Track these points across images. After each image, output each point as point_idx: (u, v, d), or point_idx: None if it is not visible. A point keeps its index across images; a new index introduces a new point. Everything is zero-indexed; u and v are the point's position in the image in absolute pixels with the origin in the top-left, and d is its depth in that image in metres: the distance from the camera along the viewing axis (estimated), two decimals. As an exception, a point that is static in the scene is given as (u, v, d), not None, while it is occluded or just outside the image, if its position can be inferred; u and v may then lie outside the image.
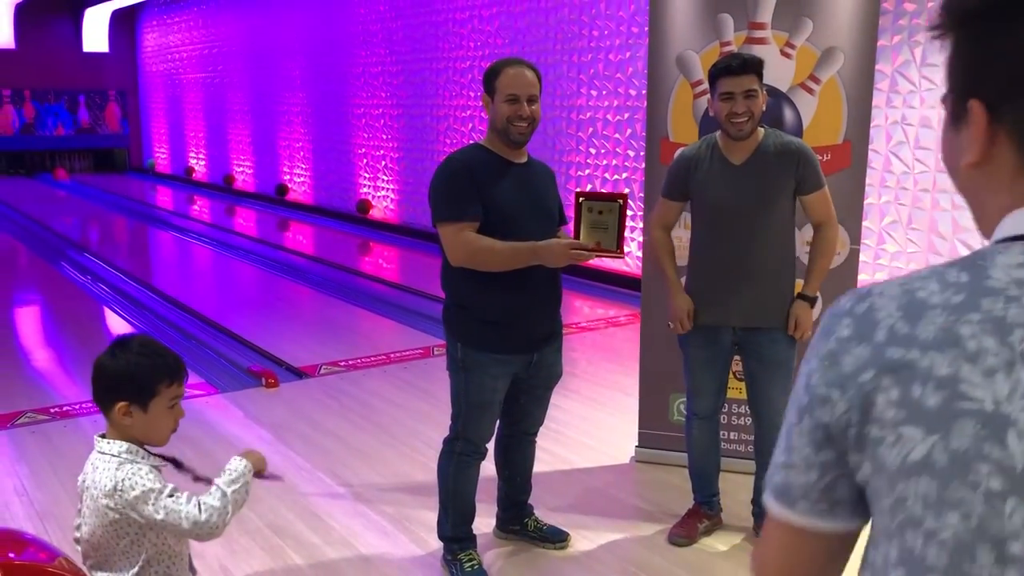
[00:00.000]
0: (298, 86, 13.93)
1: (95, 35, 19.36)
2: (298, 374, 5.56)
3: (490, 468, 3.35)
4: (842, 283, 3.76)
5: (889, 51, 5.96)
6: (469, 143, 3.20)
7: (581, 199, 2.94)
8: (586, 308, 7.54)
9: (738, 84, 3.03)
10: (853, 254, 3.82)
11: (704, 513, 3.50)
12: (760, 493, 3.41)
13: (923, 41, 5.84)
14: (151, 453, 2.01)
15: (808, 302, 3.21)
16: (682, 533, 3.45)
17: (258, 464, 2.11)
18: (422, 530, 3.50)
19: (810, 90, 3.76)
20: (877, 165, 6.09)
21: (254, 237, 11.84)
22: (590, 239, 2.92)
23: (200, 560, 2.80)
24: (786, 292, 3.23)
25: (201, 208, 14.86)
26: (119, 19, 19.44)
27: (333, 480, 4.01)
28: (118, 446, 1.96)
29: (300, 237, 12.19)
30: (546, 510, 3.59)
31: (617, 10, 8.21)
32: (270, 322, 7.00)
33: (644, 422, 4.18)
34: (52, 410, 4.87)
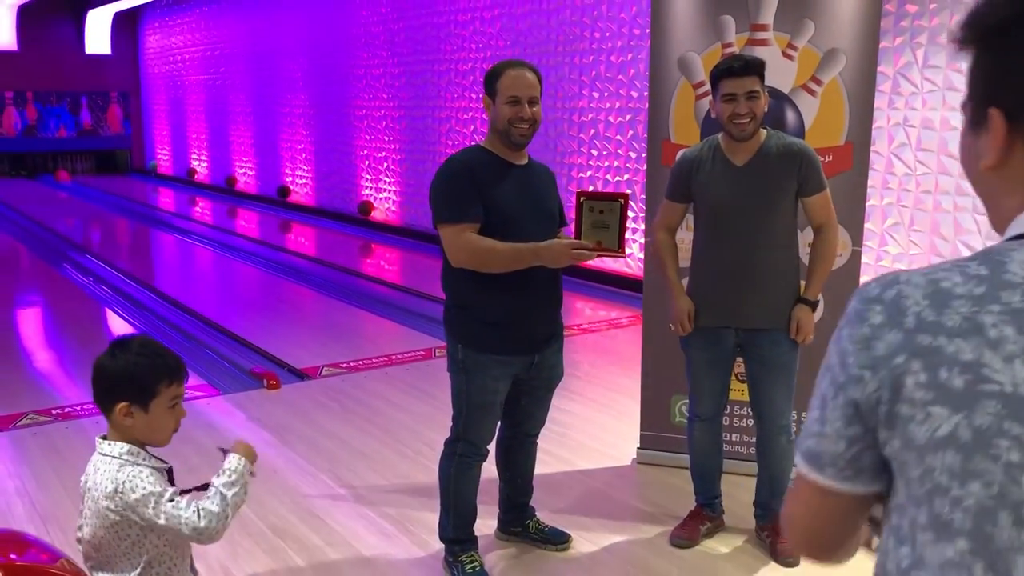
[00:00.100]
0: (300, 88, 13.94)
1: (97, 37, 19.37)
2: (300, 376, 5.56)
3: (491, 470, 3.35)
4: (843, 285, 3.76)
5: (891, 53, 5.96)
6: (470, 144, 3.19)
7: (582, 199, 2.93)
8: (588, 310, 7.54)
9: (740, 85, 3.03)
10: (855, 256, 3.82)
11: (706, 515, 3.49)
12: (762, 495, 3.41)
13: (925, 43, 5.84)
14: (152, 455, 2.01)
15: (809, 306, 3.20)
16: (684, 535, 3.44)
17: (253, 453, 2.09)
18: (423, 531, 3.50)
19: (812, 92, 3.76)
20: (879, 167, 6.09)
21: (256, 239, 11.85)
22: (591, 239, 2.91)
23: (201, 561, 2.80)
24: (788, 294, 3.22)
25: (203, 210, 14.87)
26: (121, 21, 19.47)
27: (335, 482, 4.01)
28: (119, 447, 1.96)
29: (302, 239, 12.20)
30: (548, 512, 3.59)
31: (619, 12, 8.21)
32: (272, 324, 7.00)
33: (646, 424, 4.18)
34: (54, 411, 4.88)
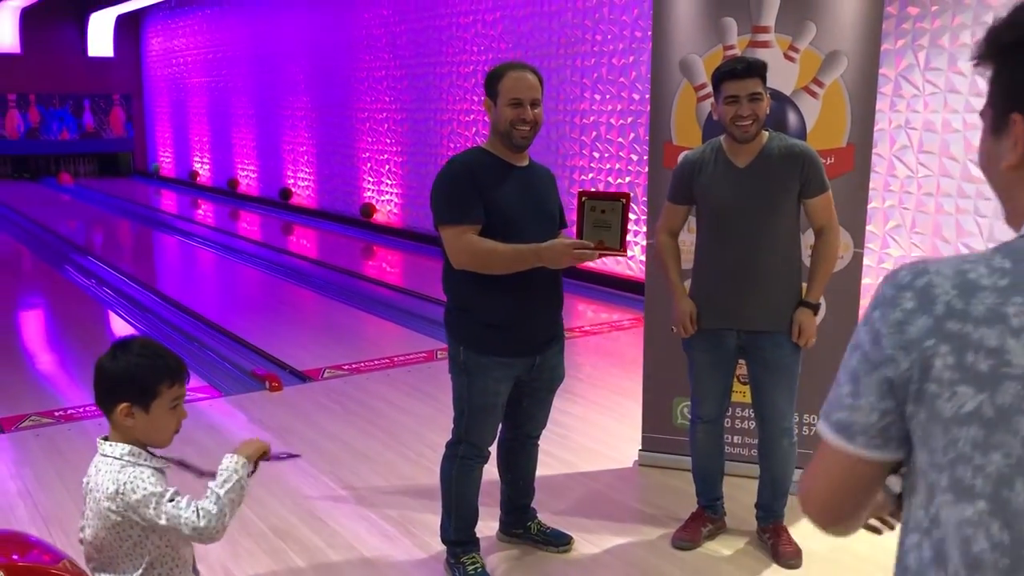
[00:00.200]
0: (302, 90, 13.95)
1: (100, 39, 19.40)
2: (302, 378, 5.57)
3: (493, 471, 3.35)
4: (845, 287, 3.76)
5: (892, 55, 5.96)
6: (471, 146, 3.19)
7: (584, 198, 2.93)
8: (589, 312, 7.54)
9: (742, 87, 3.03)
10: (856, 258, 3.81)
11: (708, 517, 3.49)
12: (764, 497, 3.40)
13: (926, 45, 5.84)
14: (154, 455, 2.01)
15: (811, 309, 3.20)
16: (685, 537, 3.44)
17: (258, 451, 2.07)
18: (425, 533, 3.50)
19: (813, 93, 3.76)
20: (881, 169, 6.09)
21: (258, 241, 11.86)
22: (593, 238, 2.91)
23: (203, 562, 2.80)
24: (791, 295, 3.22)
25: (205, 212, 14.89)
26: (124, 24, 19.49)
27: (336, 483, 4.01)
28: (120, 448, 1.96)
29: (304, 241, 12.21)
30: (549, 513, 3.59)
31: (620, 14, 8.21)
32: (274, 326, 7.00)
33: (647, 426, 4.18)
34: (56, 413, 4.88)
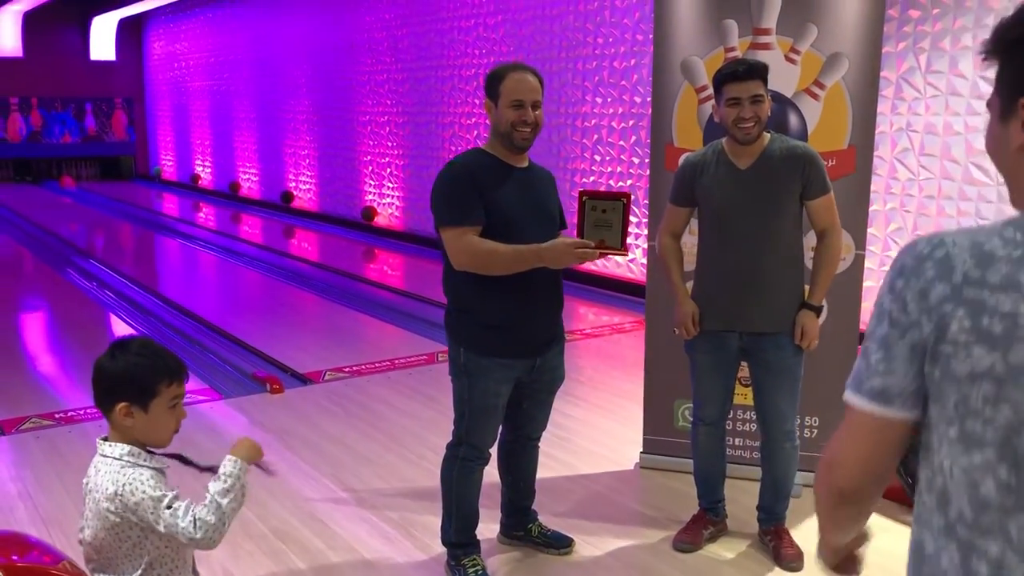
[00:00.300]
0: (304, 94, 13.96)
1: (102, 43, 19.42)
2: (303, 380, 5.56)
3: (494, 473, 3.34)
4: (846, 289, 3.76)
5: (894, 58, 5.96)
6: (471, 148, 3.19)
7: (585, 197, 2.92)
8: (591, 315, 7.54)
9: (744, 89, 3.03)
10: (858, 260, 3.81)
11: (709, 519, 3.48)
12: (765, 499, 3.40)
13: (928, 48, 5.84)
14: (153, 455, 2.00)
15: (814, 311, 3.19)
16: (687, 539, 3.43)
17: (252, 453, 2.05)
18: (426, 535, 3.49)
19: (815, 96, 3.76)
20: (882, 172, 6.08)
21: (259, 244, 11.86)
22: (594, 237, 2.90)
23: (203, 564, 2.79)
24: (793, 297, 3.21)
25: (207, 215, 14.90)
26: (126, 27, 19.53)
27: (337, 485, 4.01)
28: (120, 449, 1.95)
29: (305, 244, 12.21)
30: (550, 516, 3.58)
31: (622, 17, 8.22)
32: (275, 328, 7.00)
33: (649, 428, 4.17)
34: (57, 415, 4.88)
